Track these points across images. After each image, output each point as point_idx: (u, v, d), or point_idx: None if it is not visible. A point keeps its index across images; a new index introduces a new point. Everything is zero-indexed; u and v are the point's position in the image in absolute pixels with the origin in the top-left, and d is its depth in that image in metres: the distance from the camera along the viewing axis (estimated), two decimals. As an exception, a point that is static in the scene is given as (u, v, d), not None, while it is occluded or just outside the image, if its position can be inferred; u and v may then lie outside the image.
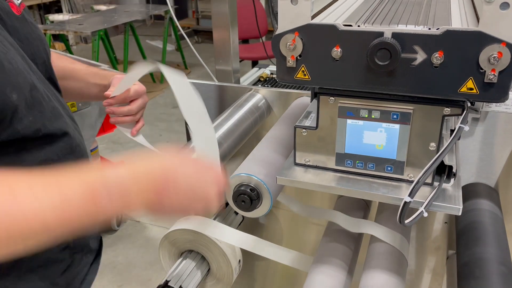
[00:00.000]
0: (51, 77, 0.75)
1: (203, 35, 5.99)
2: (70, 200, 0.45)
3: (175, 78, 0.63)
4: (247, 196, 0.67)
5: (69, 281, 0.78)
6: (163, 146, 0.61)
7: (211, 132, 0.68)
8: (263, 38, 2.21)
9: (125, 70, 3.86)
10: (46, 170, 0.47)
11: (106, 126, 2.19)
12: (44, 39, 0.77)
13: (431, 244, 1.03)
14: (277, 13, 0.56)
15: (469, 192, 0.89)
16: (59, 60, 0.88)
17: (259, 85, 1.26)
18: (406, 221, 0.50)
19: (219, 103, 1.05)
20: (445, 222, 0.99)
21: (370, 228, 0.78)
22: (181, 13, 6.35)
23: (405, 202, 0.49)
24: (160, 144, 0.78)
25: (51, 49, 0.86)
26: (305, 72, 0.57)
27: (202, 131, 0.66)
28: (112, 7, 4.81)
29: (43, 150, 0.64)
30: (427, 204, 0.54)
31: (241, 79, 1.20)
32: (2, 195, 0.43)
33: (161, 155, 0.56)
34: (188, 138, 1.08)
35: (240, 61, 3.48)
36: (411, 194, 0.49)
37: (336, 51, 0.54)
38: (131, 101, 0.86)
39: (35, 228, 0.44)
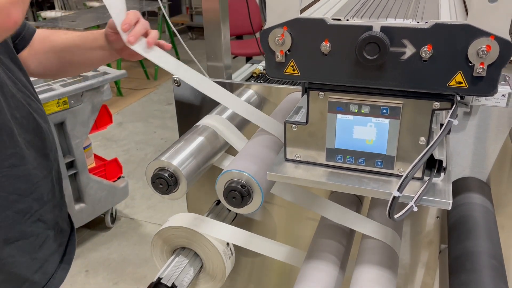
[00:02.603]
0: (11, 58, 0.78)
1: (197, 31, 5.97)
2: None
3: None
4: (237, 193, 0.67)
5: (47, 256, 0.81)
6: None
7: None
8: (257, 34, 2.19)
9: (118, 67, 3.84)
10: None
11: (99, 123, 2.19)
12: None
13: (424, 239, 1.03)
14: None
15: (461, 186, 0.89)
16: (54, 35, 0.89)
17: (252, 81, 1.25)
18: (396, 216, 0.50)
19: (210, 99, 1.04)
20: (437, 217, 0.99)
21: (361, 225, 0.78)
22: (175, 9, 6.32)
23: (394, 197, 0.49)
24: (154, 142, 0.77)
25: (39, 29, 0.89)
26: (294, 67, 0.57)
27: None
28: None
29: None
30: (417, 199, 0.54)
31: (234, 75, 1.19)
32: None
33: None
34: (180, 135, 1.08)
35: (234, 57, 3.47)
36: (400, 189, 0.49)
37: (325, 46, 0.54)
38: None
39: None
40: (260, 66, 1.29)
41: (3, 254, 0.74)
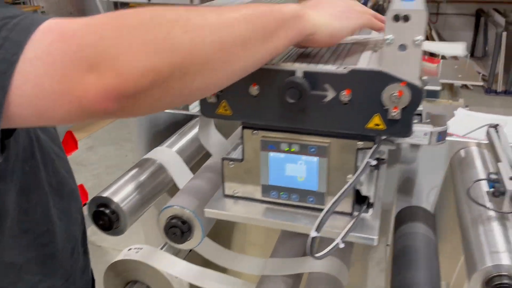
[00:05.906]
0: None
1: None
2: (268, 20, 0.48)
3: None
4: (178, 229, 0.67)
5: None
6: None
7: None
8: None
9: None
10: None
11: (67, 148, 2.15)
12: None
13: (375, 267, 1.05)
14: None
15: (405, 215, 0.91)
16: None
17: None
18: (318, 255, 0.51)
19: (168, 127, 1.05)
20: (387, 244, 1.01)
21: (301, 266, 0.79)
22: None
23: (312, 238, 0.50)
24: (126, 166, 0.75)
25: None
26: (226, 108, 0.59)
27: None
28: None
29: None
30: (344, 235, 0.55)
31: (191, 106, 1.20)
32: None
33: None
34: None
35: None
36: (317, 229, 0.51)
37: (253, 88, 0.56)
38: None
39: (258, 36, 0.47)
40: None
41: None
